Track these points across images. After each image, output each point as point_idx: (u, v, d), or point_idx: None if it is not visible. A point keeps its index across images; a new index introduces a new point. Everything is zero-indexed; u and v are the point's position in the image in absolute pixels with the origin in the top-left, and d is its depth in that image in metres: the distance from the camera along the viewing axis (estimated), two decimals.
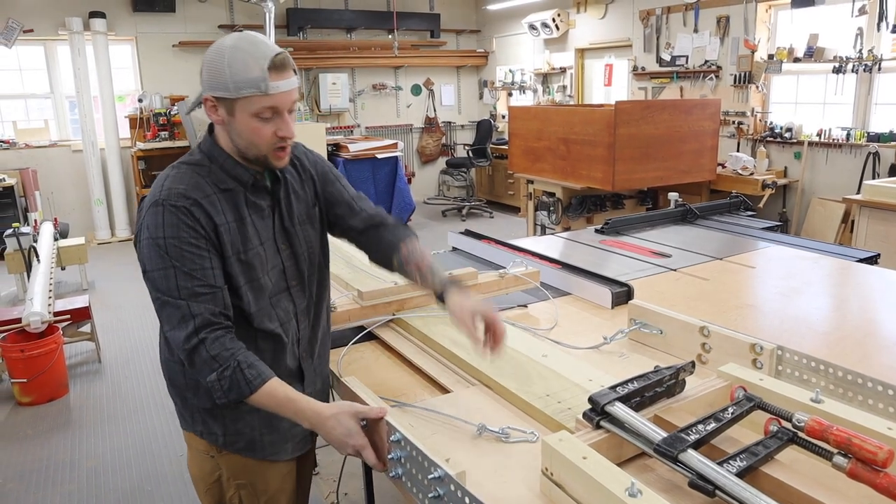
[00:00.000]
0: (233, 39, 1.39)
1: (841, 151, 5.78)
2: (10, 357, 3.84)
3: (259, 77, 1.35)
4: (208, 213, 1.40)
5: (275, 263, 1.53)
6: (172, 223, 1.37)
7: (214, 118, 1.44)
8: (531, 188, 6.40)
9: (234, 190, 1.46)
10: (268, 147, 1.43)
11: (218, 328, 1.37)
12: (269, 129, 1.41)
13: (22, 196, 7.47)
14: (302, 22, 8.94)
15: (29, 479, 3.16)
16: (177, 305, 1.37)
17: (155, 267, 1.38)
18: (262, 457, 1.57)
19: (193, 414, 1.56)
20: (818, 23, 5.87)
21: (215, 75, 1.37)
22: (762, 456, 1.10)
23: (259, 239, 1.49)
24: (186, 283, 1.37)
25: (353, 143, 8.23)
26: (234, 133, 1.43)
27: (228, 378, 1.35)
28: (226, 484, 1.59)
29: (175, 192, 1.39)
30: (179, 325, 1.36)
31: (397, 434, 1.25)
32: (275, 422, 1.53)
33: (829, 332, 2.06)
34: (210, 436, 1.55)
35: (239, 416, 1.52)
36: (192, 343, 1.35)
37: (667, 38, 7.23)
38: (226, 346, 1.36)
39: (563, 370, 1.62)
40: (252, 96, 1.36)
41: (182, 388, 1.56)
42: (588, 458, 1.08)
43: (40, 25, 7.58)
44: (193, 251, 1.38)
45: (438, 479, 1.11)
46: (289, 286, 1.56)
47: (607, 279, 2.37)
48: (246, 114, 1.39)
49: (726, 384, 1.38)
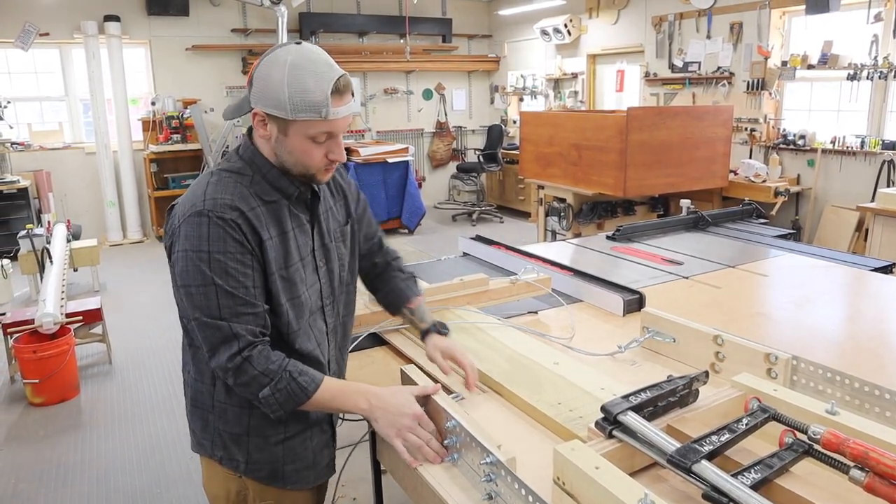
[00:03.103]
0: (294, 56, 1.30)
1: (855, 159, 5.74)
2: (22, 358, 3.87)
3: (321, 102, 1.30)
4: (254, 226, 1.34)
5: (313, 281, 1.48)
6: (218, 237, 1.30)
7: (262, 133, 1.37)
8: (542, 193, 6.38)
9: (277, 202, 1.41)
10: (317, 168, 1.40)
11: (259, 344, 1.34)
12: (321, 151, 1.37)
13: (36, 198, 7.54)
14: (314, 26, 8.98)
15: (40, 479, 3.17)
16: (218, 326, 1.31)
17: (194, 283, 1.31)
18: (282, 486, 1.52)
19: (214, 439, 1.49)
20: (833, 29, 5.83)
21: (272, 93, 1.30)
22: (777, 468, 1.09)
23: (299, 255, 1.44)
24: (228, 301, 1.31)
25: (364, 148, 8.26)
26: (282, 150, 1.37)
27: (284, 390, 1.33)
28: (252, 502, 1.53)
29: (221, 203, 1.32)
30: (222, 346, 1.32)
31: (452, 421, 1.29)
32: (298, 451, 1.51)
33: (844, 342, 2.04)
34: (230, 462, 1.49)
35: (265, 445, 1.47)
36: (236, 362, 1.31)
37: (679, 44, 7.20)
38: (271, 360, 1.34)
39: (575, 378, 1.61)
40: (310, 121, 1.32)
41: (207, 410, 1.48)
42: (601, 468, 1.07)
43: (56, 29, 7.65)
44: (238, 267, 1.32)
45: (491, 464, 1.16)
46: (323, 305, 1.53)
47: (619, 286, 2.36)
48: (300, 136, 1.34)
49: (740, 394, 1.37)
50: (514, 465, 1.15)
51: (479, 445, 1.20)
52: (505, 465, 1.13)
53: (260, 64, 1.33)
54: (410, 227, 8.35)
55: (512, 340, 1.87)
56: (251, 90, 1.34)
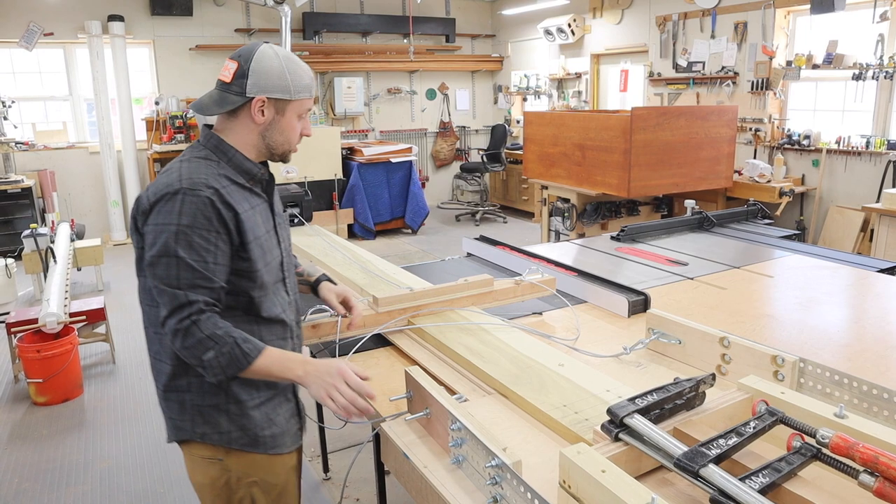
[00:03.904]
0: (280, 51, 1.55)
1: (860, 159, 5.71)
2: (26, 357, 3.87)
3: (311, 83, 1.58)
4: (228, 202, 1.47)
5: (276, 253, 1.64)
6: (190, 212, 1.42)
7: (259, 119, 1.54)
8: (546, 194, 6.37)
9: (240, 183, 1.55)
10: (295, 143, 1.62)
11: (208, 311, 1.43)
12: (300, 127, 1.61)
13: (40, 197, 7.55)
14: (318, 26, 8.98)
15: (44, 479, 3.17)
16: (174, 295, 1.41)
17: (161, 253, 1.42)
18: (264, 451, 1.60)
19: (194, 417, 1.55)
20: (838, 29, 5.80)
21: (275, 80, 1.51)
22: (785, 472, 1.08)
23: (265, 227, 1.59)
24: (187, 274, 1.42)
25: (368, 147, 8.25)
26: (274, 131, 1.56)
27: (227, 355, 1.41)
28: (235, 485, 1.59)
29: (198, 181, 1.44)
30: (175, 311, 1.42)
31: (457, 423, 1.28)
32: (272, 416, 1.61)
33: (850, 343, 2.02)
34: (217, 435, 1.55)
35: (242, 411, 1.56)
36: (185, 325, 1.40)
37: (683, 43, 7.18)
38: (218, 326, 1.43)
39: (580, 380, 1.60)
40: (304, 99, 1.57)
41: (183, 391, 1.55)
42: (607, 472, 1.06)
43: (60, 29, 7.66)
44: (202, 243, 1.43)
45: (496, 466, 1.16)
46: (284, 277, 1.67)
47: (623, 287, 2.35)
48: (294, 114, 1.57)
49: (747, 397, 1.36)
50: (520, 468, 1.14)
51: (484, 448, 1.19)
52: (511, 468, 1.12)
53: (252, 60, 1.51)
54: (414, 228, 8.34)
55: (516, 342, 1.86)
56: (246, 83, 1.50)
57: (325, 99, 9.30)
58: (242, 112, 1.54)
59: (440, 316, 2.07)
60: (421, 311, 2.07)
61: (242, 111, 1.54)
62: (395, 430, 1.48)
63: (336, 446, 3.25)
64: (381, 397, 1.67)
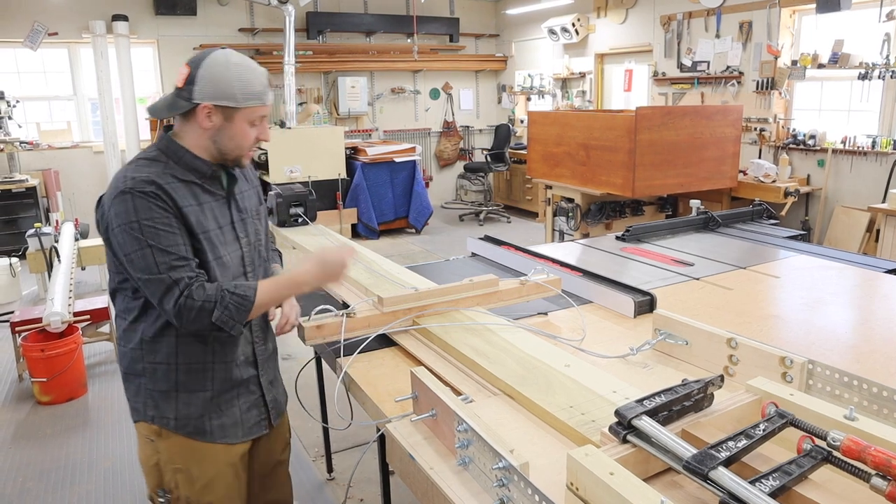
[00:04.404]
0: (230, 55, 1.58)
1: (866, 159, 5.69)
2: (30, 356, 3.87)
3: (262, 91, 1.61)
4: (172, 196, 1.56)
5: (235, 248, 1.71)
6: (144, 207, 1.51)
7: (206, 124, 1.59)
8: (550, 193, 6.36)
9: (189, 181, 1.62)
10: (248, 148, 1.66)
11: (194, 282, 1.54)
12: (254, 133, 1.64)
13: (44, 196, 7.55)
14: (321, 25, 8.98)
15: (48, 478, 3.17)
16: (159, 280, 1.52)
17: (132, 249, 1.52)
18: (210, 440, 1.70)
19: (146, 400, 1.67)
20: (844, 28, 5.78)
21: (221, 87, 1.55)
22: (796, 475, 1.07)
23: (217, 223, 1.66)
24: (164, 258, 1.52)
25: (372, 147, 8.24)
26: (224, 137, 1.61)
27: (230, 305, 1.54)
28: (163, 468, 1.70)
29: (139, 180, 1.53)
30: (166, 296, 1.52)
31: (464, 424, 1.27)
32: (224, 408, 1.71)
33: (858, 345, 2.01)
34: (162, 420, 1.67)
35: (192, 400, 1.66)
36: (180, 303, 1.51)
37: (688, 43, 7.16)
38: (207, 289, 1.54)
39: (587, 381, 1.59)
40: (254, 107, 1.60)
41: (138, 375, 1.67)
42: (615, 474, 1.06)
43: (64, 28, 7.67)
44: (167, 229, 1.53)
45: (503, 468, 1.15)
46: (246, 272, 1.74)
47: (629, 287, 2.34)
48: (244, 121, 1.61)
49: (755, 398, 1.35)
50: (527, 470, 1.13)
51: (491, 450, 1.18)
52: (518, 469, 1.11)
53: (202, 66, 1.56)
54: (417, 227, 8.34)
55: (522, 342, 1.85)
56: (193, 90, 1.56)
57: (328, 98, 9.30)
58: (193, 116, 1.60)
59: (445, 316, 2.06)
60: (426, 311, 2.06)
61: (193, 116, 1.60)
62: (401, 430, 1.47)
63: (340, 446, 3.25)
64: (386, 398, 1.66)
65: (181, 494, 1.70)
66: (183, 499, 1.71)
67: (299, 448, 3.30)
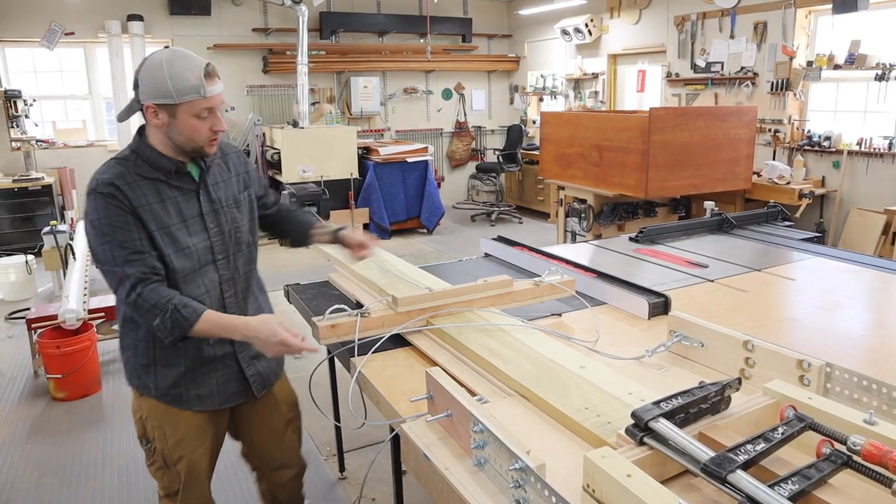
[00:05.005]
0: (166, 55, 1.67)
1: (882, 161, 5.63)
2: (46, 353, 3.91)
3: (198, 84, 1.66)
4: (129, 196, 1.68)
5: (202, 238, 1.81)
6: (102, 206, 1.66)
7: (155, 122, 1.70)
8: (562, 194, 6.35)
9: (154, 178, 1.74)
10: (204, 140, 1.74)
11: (150, 282, 1.67)
12: (205, 125, 1.71)
13: (59, 194, 7.62)
14: (335, 25, 9.00)
15: (63, 473, 3.20)
16: (114, 272, 1.67)
17: (96, 244, 1.69)
18: (187, 407, 1.89)
19: (132, 371, 1.90)
20: (860, 28, 5.72)
21: (157, 86, 1.65)
22: (815, 480, 1.06)
23: (181, 217, 1.77)
24: (119, 252, 1.66)
25: (384, 147, 8.26)
26: (174, 132, 1.71)
27: (170, 319, 1.65)
28: (145, 422, 1.93)
29: (101, 182, 1.68)
30: (119, 286, 1.68)
31: (480, 425, 1.27)
32: (200, 380, 1.88)
33: (876, 348, 1.99)
34: (143, 388, 1.88)
35: (167, 374, 1.84)
36: (132, 298, 1.66)
37: (702, 43, 7.12)
38: (161, 295, 1.66)
39: (602, 382, 1.59)
40: (193, 101, 1.67)
41: (127, 348, 1.88)
42: (632, 476, 1.05)
43: (81, 28, 7.74)
44: (122, 227, 1.66)
45: (519, 469, 1.15)
46: (215, 260, 1.84)
47: (643, 289, 2.33)
48: (187, 115, 1.68)
49: (773, 402, 1.34)
50: (544, 472, 1.13)
51: (507, 451, 1.18)
52: (535, 471, 1.11)
53: (141, 69, 1.68)
54: (429, 227, 8.34)
55: (537, 343, 1.85)
56: (139, 92, 1.68)
57: (341, 98, 9.32)
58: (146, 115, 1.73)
59: (459, 317, 2.06)
60: (440, 311, 2.07)
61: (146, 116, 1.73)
62: (416, 430, 1.47)
63: (352, 445, 3.25)
64: (400, 398, 1.67)
65: (157, 446, 1.92)
66: (158, 450, 1.93)
67: (311, 447, 3.31)
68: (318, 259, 2.95)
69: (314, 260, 2.93)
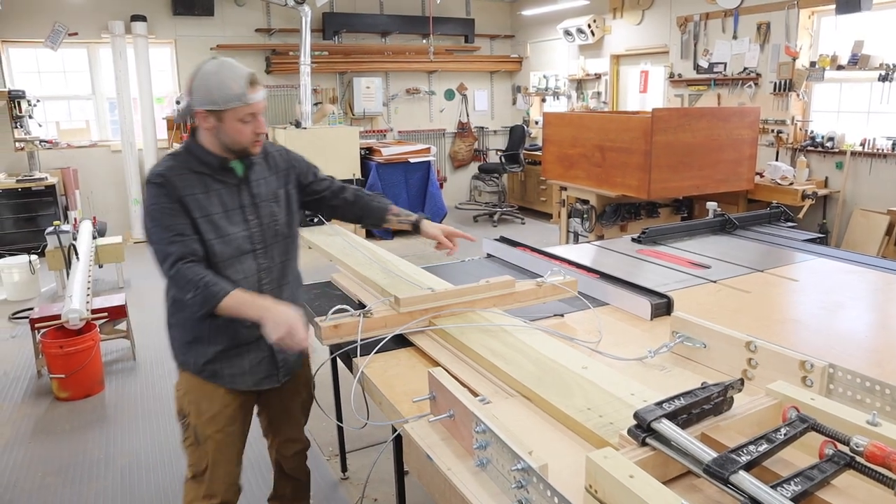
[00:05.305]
0: (214, 66, 1.86)
1: (886, 162, 5.62)
2: (49, 353, 3.91)
3: (241, 93, 1.84)
4: (176, 186, 1.88)
5: (242, 228, 1.97)
6: (154, 193, 1.88)
7: (205, 126, 1.90)
8: (565, 195, 6.34)
9: (202, 172, 1.93)
10: (248, 141, 1.91)
11: (188, 261, 1.84)
12: (249, 128, 1.89)
13: (63, 195, 7.64)
14: (337, 26, 9.01)
15: (66, 473, 3.21)
16: (160, 250, 1.87)
17: (148, 225, 1.90)
18: (221, 383, 2.04)
19: (177, 347, 2.07)
20: (864, 29, 5.71)
21: (205, 95, 1.84)
22: (818, 481, 1.06)
23: (223, 207, 1.95)
24: (165, 234, 1.86)
25: (386, 147, 8.26)
26: (222, 134, 1.89)
27: (201, 294, 1.80)
28: (183, 398, 2.09)
29: (155, 173, 1.91)
30: (163, 262, 1.86)
31: (482, 425, 1.27)
32: (234, 360, 2.02)
33: (879, 349, 1.99)
34: (185, 365, 2.05)
35: (206, 352, 2.00)
36: (172, 272, 1.84)
37: (705, 44, 7.12)
38: (196, 273, 1.83)
39: (604, 383, 1.59)
40: (237, 107, 1.85)
41: (173, 326, 2.06)
42: (635, 477, 1.05)
43: (84, 29, 7.76)
44: (169, 212, 1.87)
45: (521, 470, 1.15)
46: (254, 249, 1.99)
47: (646, 290, 2.33)
48: (232, 120, 1.86)
49: (775, 402, 1.34)
50: (547, 472, 1.13)
51: (509, 451, 1.18)
52: (537, 471, 1.11)
53: (193, 79, 1.87)
54: None
55: (539, 343, 1.85)
56: (192, 98, 1.87)
57: (344, 99, 9.33)
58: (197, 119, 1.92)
59: (461, 317, 2.06)
60: (442, 311, 2.07)
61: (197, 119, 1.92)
62: (418, 431, 1.47)
63: (354, 445, 3.25)
64: (402, 398, 1.67)
65: (191, 422, 2.07)
66: (192, 426, 2.07)
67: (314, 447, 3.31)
68: (321, 259, 2.95)
69: (316, 260, 2.93)
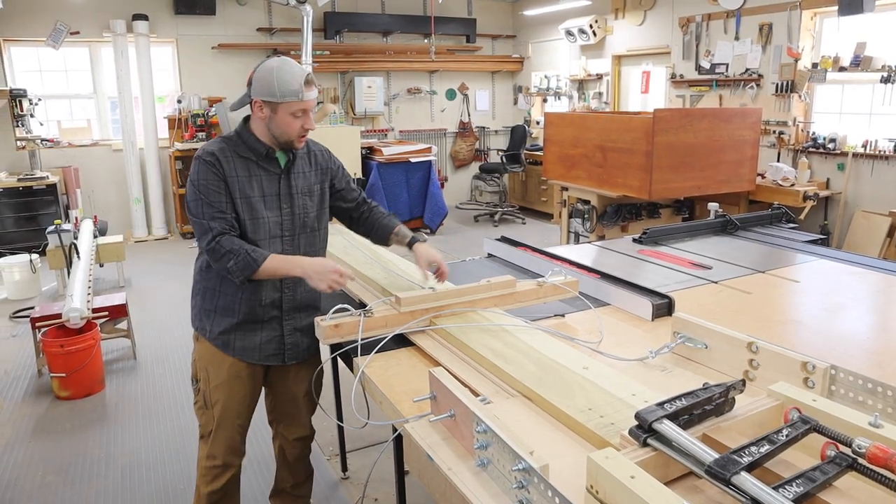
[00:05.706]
0: (277, 63, 2.03)
1: (887, 163, 5.62)
2: (50, 352, 3.91)
3: (297, 89, 2.01)
4: (223, 167, 2.05)
5: (275, 214, 2.13)
6: (203, 170, 2.04)
7: (259, 115, 2.07)
8: (566, 195, 6.34)
9: (248, 157, 2.10)
10: (295, 135, 2.08)
11: (227, 234, 2.01)
12: (298, 123, 2.06)
13: (64, 193, 7.64)
14: (339, 25, 9.01)
15: (66, 472, 3.21)
16: (200, 223, 2.03)
17: (191, 199, 2.06)
18: (231, 354, 2.19)
19: (197, 314, 2.24)
20: (866, 30, 5.71)
21: (265, 86, 2.01)
22: (820, 482, 1.05)
23: (262, 192, 2.11)
24: (207, 209, 2.02)
25: (388, 147, 8.26)
26: (273, 125, 2.06)
27: (242, 261, 1.98)
28: (197, 363, 2.26)
29: (206, 151, 2.07)
30: (203, 235, 2.03)
31: (483, 425, 1.27)
32: (248, 334, 2.18)
33: (881, 350, 1.99)
34: (202, 330, 2.22)
35: (223, 322, 2.17)
36: (212, 245, 2.00)
37: (707, 45, 7.11)
38: (234, 243, 2.00)
39: (605, 383, 1.58)
40: (291, 102, 2.02)
41: (196, 294, 2.23)
42: (636, 478, 1.05)
43: (86, 28, 7.76)
44: (213, 189, 2.03)
45: (522, 470, 1.15)
46: (282, 235, 2.15)
47: (647, 290, 2.32)
48: (285, 113, 2.03)
49: (777, 403, 1.34)
50: (547, 472, 1.12)
51: (510, 451, 1.18)
52: (538, 472, 1.10)
53: (256, 70, 2.05)
54: (432, 228, 8.34)
55: (540, 344, 1.85)
56: (251, 88, 2.05)
57: (345, 98, 9.33)
58: (253, 109, 2.08)
59: (462, 317, 2.06)
60: (443, 311, 2.07)
61: (253, 108, 2.08)
62: (419, 431, 1.47)
63: (355, 445, 3.25)
64: (402, 398, 1.67)
65: (201, 387, 2.24)
66: (202, 391, 2.24)
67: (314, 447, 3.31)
68: None
69: None
